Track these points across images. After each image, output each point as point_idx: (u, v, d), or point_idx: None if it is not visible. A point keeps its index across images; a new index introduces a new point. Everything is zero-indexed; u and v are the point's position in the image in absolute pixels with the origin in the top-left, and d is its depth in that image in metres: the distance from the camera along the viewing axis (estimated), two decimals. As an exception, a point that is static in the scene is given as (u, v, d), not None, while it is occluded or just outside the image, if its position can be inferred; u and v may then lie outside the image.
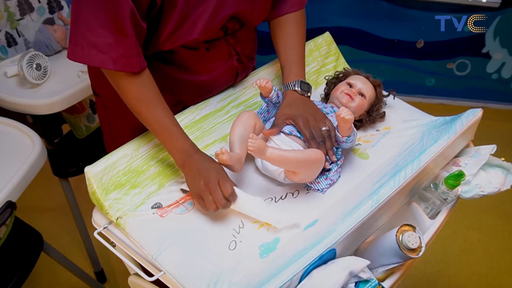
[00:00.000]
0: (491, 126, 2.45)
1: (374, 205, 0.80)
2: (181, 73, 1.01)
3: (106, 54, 0.81)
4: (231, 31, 1.00)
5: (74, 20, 0.82)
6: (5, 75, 1.43)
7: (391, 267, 0.81)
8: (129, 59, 0.83)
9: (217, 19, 0.92)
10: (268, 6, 1.03)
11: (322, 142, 0.92)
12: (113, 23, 0.80)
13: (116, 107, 1.06)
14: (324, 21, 2.51)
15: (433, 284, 1.83)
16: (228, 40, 1.02)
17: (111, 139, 1.17)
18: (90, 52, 0.81)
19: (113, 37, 0.81)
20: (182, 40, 0.92)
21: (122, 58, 0.82)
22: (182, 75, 1.01)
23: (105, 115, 1.14)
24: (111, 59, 0.82)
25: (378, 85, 1.11)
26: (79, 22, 0.81)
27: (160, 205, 0.89)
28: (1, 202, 0.98)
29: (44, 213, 2.06)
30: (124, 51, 0.82)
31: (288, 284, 0.69)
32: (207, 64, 1.02)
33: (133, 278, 0.93)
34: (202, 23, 0.90)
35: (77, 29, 0.82)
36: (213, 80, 1.06)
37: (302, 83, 1.00)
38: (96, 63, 0.82)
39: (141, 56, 0.86)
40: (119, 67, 0.83)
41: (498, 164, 1.00)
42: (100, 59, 0.82)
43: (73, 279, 1.54)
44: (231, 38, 1.02)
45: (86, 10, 0.79)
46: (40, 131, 1.41)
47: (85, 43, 0.81)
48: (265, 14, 1.04)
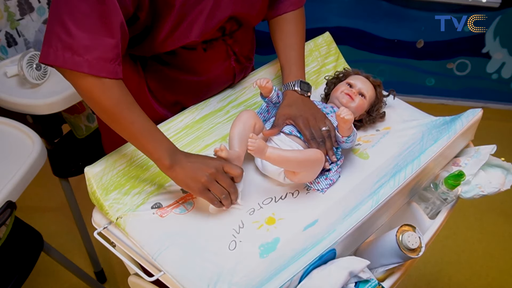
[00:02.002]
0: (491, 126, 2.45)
1: (374, 205, 0.80)
2: (179, 74, 1.01)
3: (82, 57, 0.74)
4: (229, 32, 1.00)
5: (50, 19, 0.75)
6: (5, 75, 1.43)
7: (391, 267, 0.81)
8: (108, 64, 0.76)
9: (214, 20, 0.92)
10: (266, 6, 1.02)
11: (322, 142, 0.92)
12: (98, 23, 0.74)
13: None
14: (324, 21, 2.51)
15: (433, 284, 1.83)
16: (226, 41, 1.01)
17: (109, 140, 1.16)
18: (64, 54, 0.74)
19: (92, 38, 0.74)
20: (180, 42, 0.92)
21: (99, 61, 0.75)
22: (180, 76, 1.01)
23: None
24: (87, 61, 0.74)
25: (378, 85, 1.11)
26: (55, 22, 0.74)
27: (160, 205, 0.89)
28: (1, 202, 0.98)
29: (44, 213, 2.06)
30: (102, 54, 0.75)
31: (288, 284, 0.69)
32: (204, 65, 1.02)
33: (133, 278, 0.93)
34: (200, 25, 0.90)
35: (52, 29, 0.75)
36: (211, 81, 1.06)
37: (302, 83, 1.00)
38: (69, 65, 0.75)
39: (120, 64, 0.79)
40: (95, 71, 0.75)
41: (498, 164, 1.00)
42: (74, 61, 0.74)
43: (73, 279, 1.54)
44: (228, 38, 1.01)
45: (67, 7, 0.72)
46: (40, 131, 1.42)
47: (60, 45, 0.74)
48: (263, 14, 1.03)
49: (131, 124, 0.80)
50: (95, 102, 0.79)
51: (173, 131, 1.00)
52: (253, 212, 0.88)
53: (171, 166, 0.81)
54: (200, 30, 0.91)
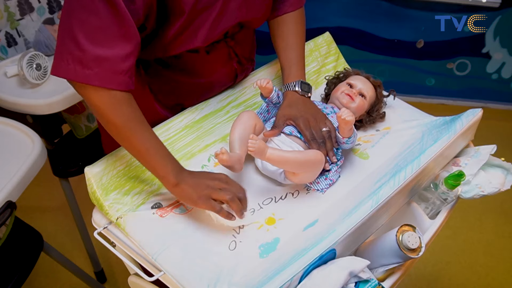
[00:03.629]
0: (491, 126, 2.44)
1: (374, 205, 0.80)
2: (181, 76, 1.01)
3: (92, 70, 0.74)
4: (230, 34, 1.00)
5: (61, 32, 0.76)
6: (5, 75, 1.43)
7: (391, 267, 0.81)
8: (118, 76, 0.76)
9: (220, 27, 0.92)
10: (270, 8, 1.03)
11: (322, 143, 0.92)
12: (109, 36, 0.74)
13: None
14: (324, 21, 2.51)
15: (433, 284, 1.83)
16: (228, 43, 1.01)
17: (109, 141, 1.15)
18: (75, 67, 0.74)
19: (102, 51, 0.74)
20: (184, 47, 0.92)
21: (109, 73, 0.75)
22: (182, 78, 1.01)
23: None
24: (97, 74, 0.74)
25: (379, 86, 1.11)
26: (66, 34, 0.74)
27: (160, 205, 0.89)
28: (1, 202, 0.98)
29: (44, 213, 2.06)
30: (112, 66, 0.75)
31: (288, 284, 0.69)
32: (207, 67, 1.02)
33: (133, 278, 0.93)
34: (205, 31, 0.90)
35: (62, 42, 0.75)
36: (213, 82, 1.06)
37: (303, 84, 1.00)
38: (80, 78, 0.75)
39: (132, 76, 0.79)
40: (105, 83, 0.75)
41: (498, 164, 1.00)
42: (84, 74, 0.74)
43: (73, 279, 1.54)
44: (230, 40, 1.02)
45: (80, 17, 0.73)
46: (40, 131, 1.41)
47: (70, 57, 0.74)
48: (266, 16, 1.04)
49: (139, 142, 0.80)
50: (105, 118, 0.79)
51: (173, 131, 1.00)
52: (253, 212, 0.88)
53: (177, 184, 0.81)
54: (205, 36, 0.91)
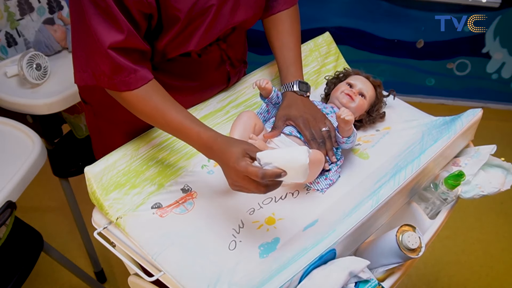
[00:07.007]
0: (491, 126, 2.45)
1: (374, 205, 0.80)
2: (173, 80, 0.99)
3: (113, 80, 0.82)
4: (223, 36, 0.99)
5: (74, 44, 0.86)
6: (5, 75, 1.43)
7: (391, 267, 0.81)
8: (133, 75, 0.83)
9: (213, 31, 0.92)
10: (262, 9, 1.02)
11: (322, 142, 0.92)
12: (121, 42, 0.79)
13: (106, 115, 1.05)
14: (324, 21, 2.51)
15: (433, 284, 1.83)
16: (220, 45, 1.00)
17: (101, 146, 1.14)
18: (100, 77, 0.83)
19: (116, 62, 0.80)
20: (177, 52, 0.91)
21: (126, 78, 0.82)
22: (174, 82, 0.99)
23: (95, 122, 1.11)
24: (121, 82, 0.82)
25: (378, 85, 1.11)
26: (78, 48, 0.85)
27: (160, 205, 0.89)
28: (1, 202, 0.98)
29: (44, 213, 2.06)
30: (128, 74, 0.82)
31: (288, 284, 0.69)
32: (199, 70, 1.01)
33: (133, 278, 0.93)
34: (199, 36, 0.89)
35: (77, 54, 0.85)
36: (206, 86, 1.05)
37: (301, 83, 1.00)
38: (107, 86, 0.84)
39: (145, 67, 0.85)
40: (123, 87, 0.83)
41: (498, 164, 1.00)
42: (110, 83, 0.83)
43: (73, 279, 1.54)
44: (222, 42, 1.00)
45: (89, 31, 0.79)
46: (40, 131, 1.41)
47: (90, 69, 0.83)
48: (259, 16, 1.03)
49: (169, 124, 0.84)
50: (136, 111, 0.87)
51: (173, 131, 1.00)
52: (253, 212, 0.88)
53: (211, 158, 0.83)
54: (198, 41, 0.90)
